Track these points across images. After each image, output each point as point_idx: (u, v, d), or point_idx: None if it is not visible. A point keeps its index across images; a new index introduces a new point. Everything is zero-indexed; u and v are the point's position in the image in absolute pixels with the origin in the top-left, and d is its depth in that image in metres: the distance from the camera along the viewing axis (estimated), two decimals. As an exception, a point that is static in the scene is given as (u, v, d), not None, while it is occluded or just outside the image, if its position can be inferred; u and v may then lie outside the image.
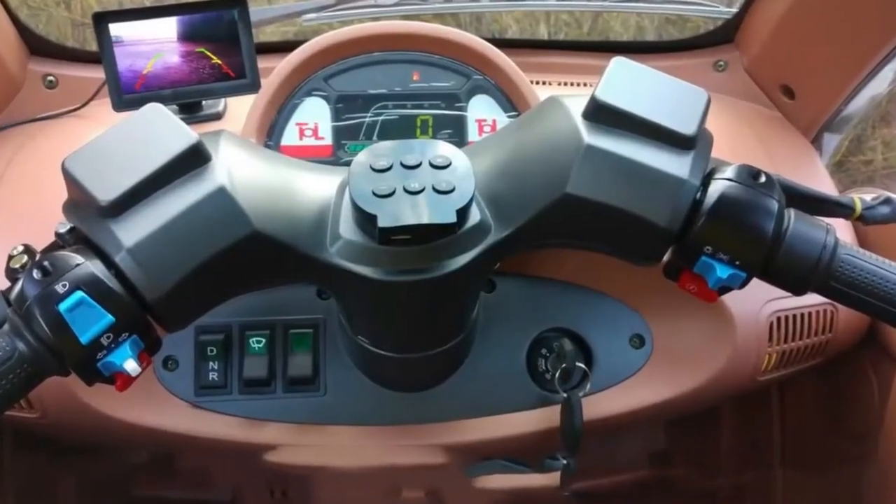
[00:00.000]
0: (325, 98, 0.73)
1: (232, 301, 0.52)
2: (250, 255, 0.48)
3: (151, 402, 0.68)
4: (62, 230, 0.47)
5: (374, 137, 0.74)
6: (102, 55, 0.76)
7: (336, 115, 0.73)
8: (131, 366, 0.45)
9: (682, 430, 1.15)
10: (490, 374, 0.69)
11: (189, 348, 0.68)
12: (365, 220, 0.47)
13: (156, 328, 0.48)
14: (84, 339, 0.44)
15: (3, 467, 0.98)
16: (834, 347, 0.77)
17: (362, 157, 0.49)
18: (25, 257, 0.47)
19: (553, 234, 0.51)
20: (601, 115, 0.49)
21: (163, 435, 0.69)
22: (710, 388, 0.73)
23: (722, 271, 0.48)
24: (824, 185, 0.84)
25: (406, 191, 0.47)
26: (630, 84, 0.50)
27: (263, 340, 0.68)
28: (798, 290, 0.50)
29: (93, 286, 0.44)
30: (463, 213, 0.47)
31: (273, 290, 0.67)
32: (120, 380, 0.46)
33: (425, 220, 0.45)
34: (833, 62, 0.85)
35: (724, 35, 0.99)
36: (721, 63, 0.98)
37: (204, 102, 0.82)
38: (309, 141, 0.74)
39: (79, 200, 0.47)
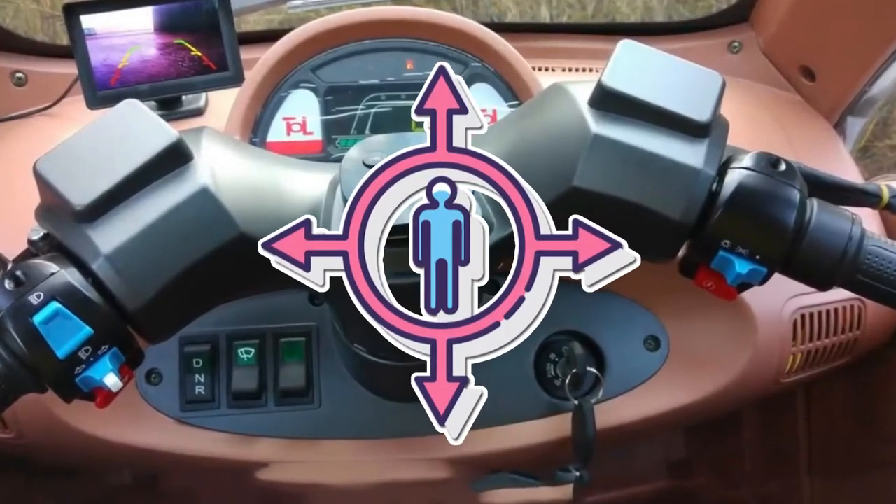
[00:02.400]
0: (314, 90, 0.73)
1: (218, 309, 0.51)
2: (236, 259, 0.48)
3: (134, 418, 0.68)
4: (35, 237, 0.47)
5: (367, 131, 0.74)
6: (74, 49, 0.76)
7: (325, 108, 0.73)
8: (112, 380, 0.45)
9: (701, 437, 1.15)
10: (496, 382, 0.68)
11: (173, 360, 0.68)
12: (358, 219, 0.47)
13: (137, 340, 0.47)
14: (60, 352, 0.43)
15: (-23, 492, 0.98)
16: (862, 345, 0.77)
17: (354, 153, 0.49)
18: (-4, 267, 0.47)
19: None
20: (609, 102, 0.49)
21: (147, 453, 0.69)
22: (730, 392, 0.73)
23: (741, 266, 0.48)
24: (849, 172, 0.84)
25: None
26: (639, 69, 0.50)
27: (253, 350, 0.67)
28: (823, 285, 0.50)
29: (69, 296, 0.44)
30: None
31: (262, 296, 0.68)
32: (100, 396, 0.46)
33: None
34: (856, 41, 0.85)
35: (738, 14, 0.99)
36: (736, 44, 0.98)
37: (184, 98, 0.82)
38: (297, 136, 0.74)
39: (52, 205, 0.47)
